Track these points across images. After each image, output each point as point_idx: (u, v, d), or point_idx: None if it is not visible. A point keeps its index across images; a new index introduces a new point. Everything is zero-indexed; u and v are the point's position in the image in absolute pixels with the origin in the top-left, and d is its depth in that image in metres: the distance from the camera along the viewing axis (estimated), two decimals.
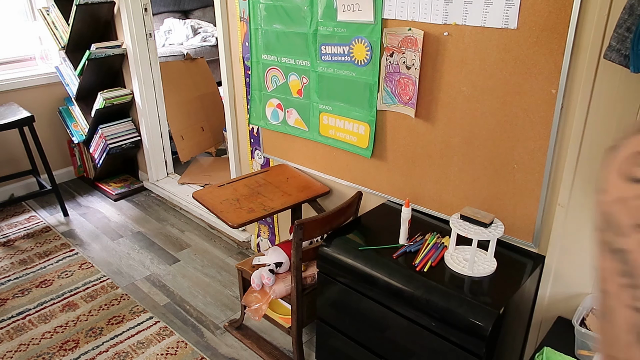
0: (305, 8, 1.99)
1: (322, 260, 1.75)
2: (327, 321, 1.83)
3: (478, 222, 1.46)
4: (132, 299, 2.48)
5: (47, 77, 3.49)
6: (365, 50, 1.86)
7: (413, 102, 1.77)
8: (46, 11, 3.29)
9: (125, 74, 3.42)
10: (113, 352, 2.14)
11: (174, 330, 2.26)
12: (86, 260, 2.81)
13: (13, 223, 3.20)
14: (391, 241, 1.70)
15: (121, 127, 3.47)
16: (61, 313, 2.39)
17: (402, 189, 1.96)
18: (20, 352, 2.15)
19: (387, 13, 1.76)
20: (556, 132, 1.48)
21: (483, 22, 1.52)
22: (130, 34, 3.16)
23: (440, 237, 1.70)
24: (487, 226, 1.45)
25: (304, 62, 2.10)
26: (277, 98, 2.30)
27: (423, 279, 1.50)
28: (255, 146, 2.62)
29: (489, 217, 1.47)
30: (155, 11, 5.46)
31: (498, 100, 1.56)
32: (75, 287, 2.57)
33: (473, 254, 1.47)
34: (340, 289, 1.71)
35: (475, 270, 1.49)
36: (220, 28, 2.48)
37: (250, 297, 2.02)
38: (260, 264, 2.01)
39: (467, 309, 1.38)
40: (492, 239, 1.46)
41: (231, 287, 2.58)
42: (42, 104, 3.49)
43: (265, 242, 2.81)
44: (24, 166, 3.44)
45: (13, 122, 2.95)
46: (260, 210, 2.02)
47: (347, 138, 2.07)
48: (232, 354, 2.15)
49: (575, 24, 1.35)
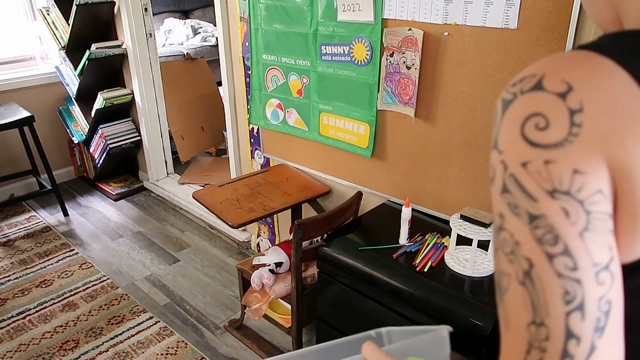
0: (306, 8, 1.99)
1: (322, 260, 1.75)
2: (327, 321, 1.83)
3: (478, 222, 1.46)
4: (132, 299, 2.48)
5: (47, 77, 3.49)
6: (366, 50, 1.86)
7: (413, 102, 1.77)
8: (46, 11, 3.29)
9: (125, 74, 3.42)
10: (113, 352, 2.14)
11: (174, 330, 2.26)
12: (86, 260, 2.80)
13: (13, 223, 3.20)
14: (391, 241, 1.70)
15: (121, 127, 3.47)
16: (61, 313, 2.39)
17: (402, 189, 1.96)
18: (20, 352, 2.15)
19: (387, 13, 1.76)
20: None
21: (483, 22, 1.52)
22: (130, 33, 3.16)
23: (441, 237, 1.70)
24: (488, 226, 1.45)
25: (304, 62, 2.10)
26: (277, 98, 2.30)
27: (423, 279, 1.50)
28: (255, 146, 2.62)
29: (489, 217, 1.47)
30: (156, 11, 5.46)
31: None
32: (75, 287, 2.57)
33: (473, 254, 1.47)
34: (340, 289, 1.71)
35: (475, 270, 1.49)
36: (220, 28, 2.48)
37: (250, 297, 2.02)
38: (260, 264, 2.01)
39: (467, 309, 1.38)
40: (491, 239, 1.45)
41: (231, 287, 2.58)
42: (42, 104, 3.49)
43: (265, 242, 2.81)
44: (24, 166, 3.44)
45: (13, 122, 2.95)
46: (260, 210, 2.02)
47: (347, 138, 2.07)
48: (232, 354, 2.15)
49: (575, 24, 1.35)
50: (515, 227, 0.45)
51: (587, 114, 0.43)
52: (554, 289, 0.43)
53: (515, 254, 0.45)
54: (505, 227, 0.46)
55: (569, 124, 0.44)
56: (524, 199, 0.44)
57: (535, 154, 0.44)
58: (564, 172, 0.43)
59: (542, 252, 0.44)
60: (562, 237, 0.43)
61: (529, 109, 0.45)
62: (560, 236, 0.43)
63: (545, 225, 0.43)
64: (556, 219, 0.43)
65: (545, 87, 0.45)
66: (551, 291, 0.43)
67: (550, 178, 0.43)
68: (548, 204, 0.43)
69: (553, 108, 0.44)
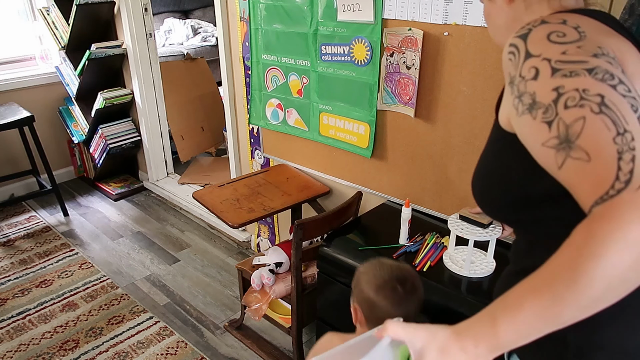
0: (306, 8, 1.99)
1: (322, 260, 1.75)
2: (327, 321, 1.83)
3: (476, 222, 1.46)
4: (132, 299, 2.48)
5: (47, 77, 3.49)
6: (366, 50, 1.86)
7: (413, 102, 1.77)
8: (46, 11, 3.29)
9: (125, 74, 3.42)
10: (113, 352, 2.14)
11: (174, 330, 2.26)
12: (86, 260, 2.81)
13: (13, 223, 3.20)
14: (391, 241, 1.70)
15: (121, 127, 3.47)
16: (61, 313, 2.39)
17: (402, 189, 1.96)
18: (20, 352, 2.15)
19: (387, 13, 1.76)
20: None
21: (483, 22, 1.52)
22: (130, 33, 3.16)
23: (440, 237, 1.70)
24: (486, 227, 1.45)
25: (304, 62, 2.10)
26: (277, 98, 2.30)
27: (423, 279, 1.50)
28: (255, 146, 2.62)
29: (487, 218, 1.47)
30: (155, 11, 5.46)
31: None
32: (75, 287, 2.57)
33: (469, 255, 1.47)
34: (340, 289, 1.71)
35: (472, 270, 1.48)
36: (220, 28, 2.48)
37: (250, 297, 2.02)
38: (260, 264, 2.01)
39: (466, 309, 1.38)
40: (490, 239, 1.45)
41: (231, 287, 2.58)
42: (42, 104, 3.49)
43: (265, 242, 2.81)
44: (24, 166, 3.44)
45: (13, 122, 2.95)
46: (260, 210, 2.02)
47: (347, 138, 2.07)
48: (232, 354, 2.15)
49: None
50: (578, 82, 0.62)
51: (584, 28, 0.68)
52: (624, 105, 0.61)
53: (584, 98, 0.61)
54: (566, 89, 0.63)
55: (577, 32, 0.67)
56: (577, 64, 0.64)
57: (567, 45, 0.66)
58: (593, 46, 0.65)
59: (607, 86, 0.62)
60: (615, 74, 0.63)
61: (548, 29, 0.68)
62: (613, 74, 0.63)
63: (601, 71, 0.62)
64: (607, 65, 0.63)
65: (549, 21, 0.70)
66: (623, 106, 0.60)
67: (587, 49, 0.65)
68: (596, 60, 0.64)
69: (562, 26, 0.68)
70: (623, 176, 0.57)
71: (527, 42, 0.69)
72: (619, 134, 0.58)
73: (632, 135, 0.59)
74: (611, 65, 0.63)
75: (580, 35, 0.66)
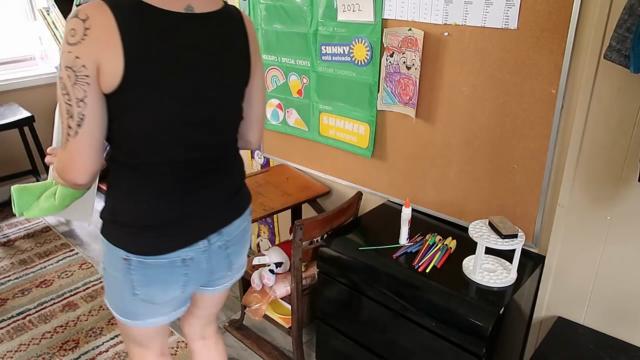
0: (306, 8, 1.99)
1: (322, 260, 1.75)
2: (327, 321, 1.83)
3: (495, 229, 1.45)
4: None
5: (47, 77, 3.49)
6: (366, 50, 1.86)
7: (413, 102, 1.77)
8: (46, 11, 3.29)
9: None
10: (113, 352, 2.14)
11: (174, 330, 2.26)
12: (86, 260, 2.80)
13: (13, 223, 3.20)
14: (391, 241, 1.70)
15: None
16: (61, 313, 2.39)
17: (402, 189, 1.96)
18: (20, 352, 2.15)
19: (387, 13, 1.76)
20: (556, 132, 1.48)
21: (483, 23, 1.52)
22: None
23: (442, 239, 1.70)
24: (503, 237, 1.42)
25: (304, 62, 2.10)
26: (277, 98, 2.30)
27: (423, 279, 1.50)
28: None
29: (510, 229, 1.43)
30: None
31: (498, 100, 1.57)
32: (75, 287, 2.58)
33: (478, 259, 1.46)
34: (340, 289, 1.71)
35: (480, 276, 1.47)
36: None
37: (250, 297, 2.02)
38: (260, 264, 2.01)
39: (467, 309, 1.38)
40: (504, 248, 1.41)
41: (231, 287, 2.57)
42: (42, 104, 3.49)
43: (265, 242, 2.81)
44: (24, 166, 3.44)
45: (13, 122, 2.95)
46: (260, 210, 2.02)
47: (347, 138, 2.07)
48: (232, 354, 2.15)
49: (575, 24, 1.35)
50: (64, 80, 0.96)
51: (92, 29, 0.93)
52: (62, 102, 0.97)
53: (65, 90, 0.96)
54: (62, 77, 0.96)
55: (83, 33, 0.93)
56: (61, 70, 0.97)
57: (68, 47, 0.94)
58: (72, 56, 0.94)
59: (65, 89, 0.96)
60: (67, 85, 0.96)
61: (69, 26, 0.94)
62: (66, 85, 0.96)
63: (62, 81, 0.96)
64: (65, 78, 0.95)
65: (78, 16, 0.94)
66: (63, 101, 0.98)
67: (66, 59, 0.94)
68: (62, 71, 0.96)
69: (77, 25, 0.94)
70: None
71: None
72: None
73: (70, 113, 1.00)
74: (67, 78, 0.97)
75: (81, 38, 0.95)
